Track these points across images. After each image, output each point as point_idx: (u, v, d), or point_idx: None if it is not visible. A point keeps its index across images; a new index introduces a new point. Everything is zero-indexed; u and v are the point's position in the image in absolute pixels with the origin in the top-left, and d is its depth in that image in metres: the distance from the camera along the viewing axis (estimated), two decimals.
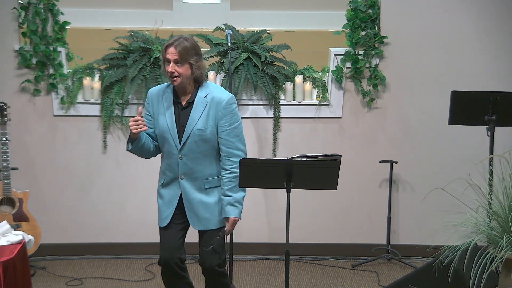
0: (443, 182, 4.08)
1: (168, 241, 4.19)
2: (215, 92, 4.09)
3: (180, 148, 4.07)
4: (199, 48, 4.06)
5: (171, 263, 4.17)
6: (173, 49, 3.97)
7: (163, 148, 4.15)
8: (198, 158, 4.08)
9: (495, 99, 5.07)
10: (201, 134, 4.04)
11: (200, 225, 4.14)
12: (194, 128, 4.04)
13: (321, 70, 5.93)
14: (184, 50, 3.96)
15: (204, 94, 4.07)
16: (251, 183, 4.13)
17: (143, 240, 5.91)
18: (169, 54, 3.98)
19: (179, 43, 3.98)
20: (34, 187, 5.73)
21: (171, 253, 4.17)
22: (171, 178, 4.14)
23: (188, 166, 4.08)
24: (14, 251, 3.87)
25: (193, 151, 4.06)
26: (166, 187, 4.17)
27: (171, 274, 4.20)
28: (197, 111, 4.05)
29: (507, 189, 3.87)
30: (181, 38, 4.02)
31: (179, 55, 3.96)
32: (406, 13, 5.83)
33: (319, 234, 5.99)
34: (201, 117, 4.05)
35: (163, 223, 4.19)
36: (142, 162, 5.84)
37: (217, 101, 4.05)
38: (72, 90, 5.76)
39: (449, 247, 3.87)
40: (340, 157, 4.05)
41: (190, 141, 4.05)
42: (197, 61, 4.02)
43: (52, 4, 5.68)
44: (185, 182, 4.10)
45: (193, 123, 4.04)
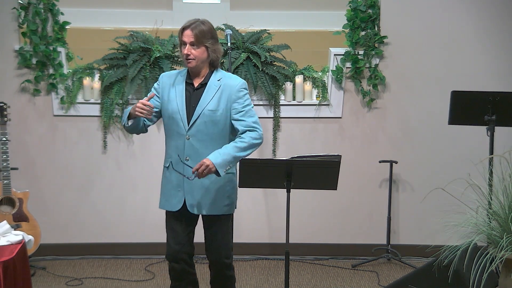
0: (443, 182, 4.07)
1: (176, 235, 4.16)
2: (229, 78, 4.13)
3: (188, 128, 4.05)
4: (215, 32, 4.09)
5: (179, 258, 4.16)
6: (189, 32, 4.01)
7: (171, 129, 4.12)
8: (205, 141, 4.05)
9: (495, 99, 5.07)
10: (212, 115, 4.03)
11: (196, 209, 4.11)
12: (205, 109, 4.04)
13: (321, 70, 5.93)
14: (200, 33, 4.00)
15: (218, 78, 4.09)
16: (251, 183, 4.13)
17: (143, 240, 5.91)
18: (185, 37, 4.02)
19: (196, 26, 4.01)
20: (34, 187, 5.74)
21: (179, 247, 4.15)
22: (176, 160, 4.10)
23: (194, 148, 4.05)
24: (14, 251, 3.87)
25: (201, 132, 4.04)
26: (172, 170, 4.13)
27: (179, 269, 4.18)
28: (210, 92, 4.06)
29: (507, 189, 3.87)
30: (198, 21, 4.05)
31: (195, 38, 3.99)
32: (406, 13, 5.83)
33: (319, 234, 5.99)
34: (213, 99, 4.05)
35: (175, 207, 4.14)
36: (142, 162, 5.87)
37: (230, 85, 4.07)
38: (72, 90, 5.77)
39: (449, 247, 3.86)
40: (340, 157, 4.05)
41: (199, 121, 4.04)
42: (213, 45, 4.04)
43: (52, 4, 5.68)
44: (190, 164, 4.05)
45: (205, 103, 4.04)
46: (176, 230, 4.16)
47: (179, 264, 4.17)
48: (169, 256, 4.20)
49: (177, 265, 4.18)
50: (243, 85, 4.11)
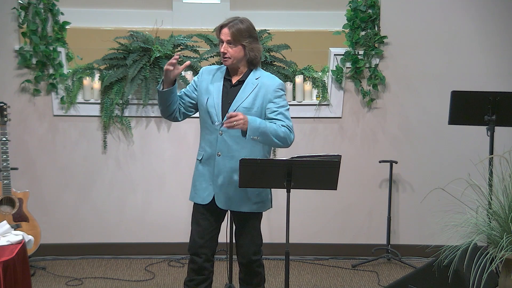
0: (443, 182, 4.08)
1: (201, 229, 4.18)
2: (267, 77, 4.14)
3: (221, 124, 4.06)
4: (254, 31, 4.10)
5: (201, 252, 4.18)
6: (227, 30, 4.04)
7: (206, 123, 4.14)
8: (238, 137, 4.05)
9: (495, 99, 5.07)
10: (246, 113, 4.02)
11: (224, 205, 4.14)
12: (240, 106, 4.06)
13: (321, 70, 5.93)
14: (237, 31, 4.02)
15: (256, 77, 4.12)
16: (251, 183, 4.13)
17: (143, 240, 5.91)
18: (223, 35, 4.05)
19: (233, 24, 4.04)
20: (34, 187, 5.73)
21: (203, 241, 4.17)
22: (209, 154, 4.13)
23: (227, 144, 4.08)
24: (14, 251, 3.87)
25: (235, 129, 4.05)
26: (205, 164, 4.15)
27: (199, 263, 4.20)
28: (246, 90, 4.09)
29: (507, 189, 3.87)
30: (236, 19, 4.08)
31: (232, 36, 4.02)
32: (406, 13, 5.83)
33: (319, 234, 5.99)
34: (249, 96, 4.08)
35: (205, 200, 4.16)
36: (142, 162, 5.87)
37: (267, 84, 4.09)
38: (72, 90, 5.76)
39: (449, 247, 3.87)
40: (340, 157, 4.05)
41: None
42: (251, 43, 4.06)
43: (52, 4, 5.68)
44: (221, 160, 4.09)
45: (240, 100, 4.07)
46: (201, 224, 4.19)
47: (200, 258, 4.20)
48: (191, 249, 4.22)
49: (198, 259, 4.20)
50: (280, 85, 4.13)
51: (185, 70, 5.80)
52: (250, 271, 4.28)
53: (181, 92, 4.25)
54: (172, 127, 5.87)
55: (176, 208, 5.87)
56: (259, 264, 4.29)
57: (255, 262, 4.26)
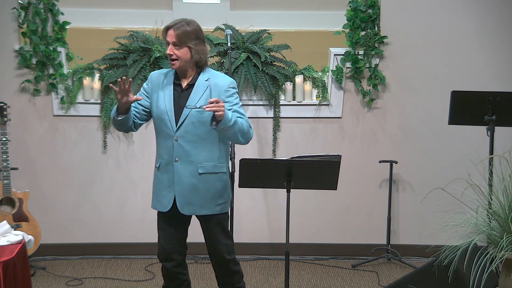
0: (443, 182, 4.08)
1: (168, 235, 4.17)
2: (217, 77, 4.10)
3: (176, 129, 4.04)
4: (201, 33, 4.07)
5: (170, 258, 4.17)
6: (172, 32, 4.01)
7: (160, 129, 4.12)
8: (194, 141, 4.04)
9: (495, 99, 5.07)
10: (199, 116, 4.01)
11: (187, 210, 4.10)
12: (193, 110, 4.02)
13: (321, 70, 5.93)
14: (183, 33, 3.99)
15: (205, 78, 4.08)
16: (251, 183, 4.14)
17: (143, 240, 5.91)
18: (169, 37, 4.02)
19: (180, 26, 4.00)
20: (34, 187, 5.73)
21: (170, 247, 4.16)
22: (166, 161, 4.10)
23: (184, 149, 4.04)
24: (14, 251, 3.87)
25: (190, 133, 4.03)
26: (163, 170, 4.13)
27: (170, 269, 4.20)
28: (198, 93, 4.05)
29: (507, 189, 3.87)
30: (183, 21, 4.04)
31: (177, 38, 3.99)
32: (406, 13, 5.83)
33: (319, 234, 5.99)
34: (201, 99, 4.03)
35: (165, 208, 4.13)
36: (142, 162, 5.87)
37: (218, 85, 4.06)
38: (72, 90, 5.76)
39: (449, 247, 3.86)
40: (340, 157, 4.05)
41: (187, 122, 4.03)
42: (197, 45, 4.02)
43: (52, 4, 5.68)
44: (179, 166, 4.06)
45: (192, 104, 4.02)
46: (167, 230, 4.17)
47: (170, 264, 4.19)
48: (160, 256, 4.21)
49: (169, 265, 4.19)
50: (231, 84, 4.09)
51: None
52: (227, 271, 4.25)
53: None
54: None
55: None
56: (235, 262, 4.26)
57: (231, 262, 4.23)
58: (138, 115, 4.17)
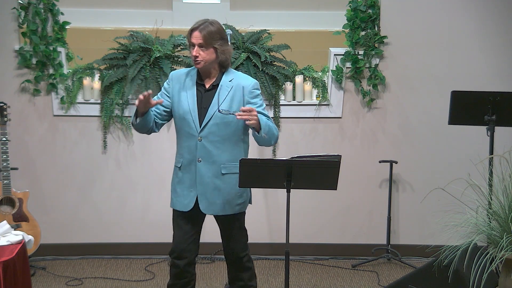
0: (443, 182, 4.08)
1: (183, 233, 4.17)
2: (241, 78, 4.11)
3: (200, 130, 4.05)
4: (224, 33, 4.08)
5: (183, 256, 4.17)
6: (198, 33, 4.00)
7: (182, 129, 4.11)
8: (218, 142, 4.06)
9: (495, 99, 5.07)
10: (224, 117, 4.02)
11: (209, 210, 4.13)
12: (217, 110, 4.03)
13: (321, 70, 5.93)
14: (208, 34, 3.98)
15: (229, 79, 4.08)
16: (251, 183, 4.13)
17: (143, 240, 5.91)
18: (194, 38, 4.01)
19: (204, 27, 4.00)
20: (34, 187, 5.73)
21: (185, 246, 4.16)
22: (188, 160, 4.10)
23: (207, 149, 4.05)
24: (14, 251, 3.87)
25: (214, 133, 4.05)
26: (185, 170, 4.12)
27: (181, 267, 4.19)
28: (222, 94, 4.05)
29: (507, 189, 3.87)
30: (206, 22, 4.03)
31: (203, 39, 3.98)
32: (406, 13, 5.83)
33: (319, 234, 5.99)
34: (226, 100, 4.05)
35: (186, 207, 4.13)
36: (142, 162, 5.87)
37: (243, 85, 4.07)
38: (72, 90, 5.76)
39: (449, 247, 3.87)
40: (340, 157, 4.05)
41: (211, 123, 4.04)
42: (222, 46, 4.03)
43: (52, 4, 5.68)
44: (202, 166, 4.07)
45: (217, 105, 4.03)
46: (183, 229, 4.17)
47: (182, 262, 4.19)
48: (173, 253, 4.21)
49: (181, 263, 4.19)
50: (255, 85, 4.11)
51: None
52: (240, 267, 4.28)
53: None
54: (172, 127, 5.83)
55: None
56: (248, 259, 4.29)
57: (244, 257, 4.26)
58: (159, 116, 4.17)
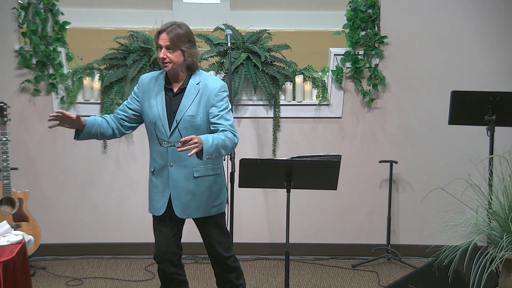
0: (443, 182, 4.08)
1: (163, 236, 4.19)
2: (208, 80, 4.07)
3: (170, 134, 4.04)
4: (192, 35, 4.05)
5: (166, 258, 4.19)
6: (165, 35, 3.98)
7: (153, 134, 4.10)
8: None
9: (495, 99, 5.08)
10: (192, 121, 4.01)
11: (184, 214, 4.12)
12: (185, 114, 4.01)
13: (321, 70, 5.93)
14: (176, 36, 3.97)
15: (196, 81, 4.06)
16: (251, 183, 4.14)
17: (143, 240, 5.91)
18: (161, 40, 3.99)
19: (172, 29, 3.98)
20: (34, 187, 5.73)
21: (166, 248, 4.17)
22: (161, 165, 4.11)
23: (178, 154, 4.00)
24: (14, 251, 3.87)
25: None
26: (158, 175, 4.13)
27: (166, 270, 4.22)
28: (189, 97, 4.04)
29: (507, 189, 3.87)
30: (174, 24, 4.02)
31: (170, 42, 3.97)
32: (406, 13, 5.83)
33: (319, 234, 5.99)
34: (193, 104, 4.03)
35: (159, 211, 4.15)
36: (142, 162, 5.86)
37: (209, 88, 4.03)
38: (72, 90, 5.76)
39: (449, 247, 3.87)
40: (340, 157, 4.05)
41: (180, 127, 4.02)
42: (190, 48, 4.01)
43: (52, 4, 5.68)
44: (174, 170, 4.07)
45: (184, 109, 4.02)
46: (162, 232, 4.19)
47: (165, 265, 4.21)
48: (156, 258, 4.24)
49: (164, 266, 4.22)
50: (222, 88, 4.06)
51: None
52: (225, 268, 4.26)
53: (123, 105, 4.19)
54: None
55: None
56: (233, 259, 4.28)
57: (229, 259, 4.25)
58: (127, 119, 4.17)
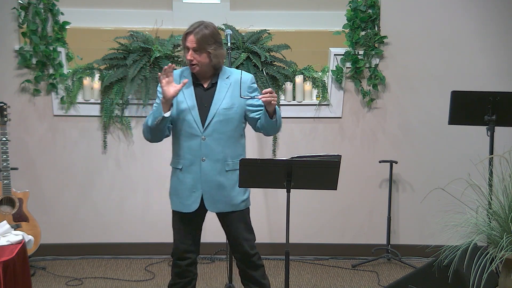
0: (443, 182, 4.08)
1: (185, 234, 4.18)
2: (236, 73, 4.14)
3: (204, 128, 4.06)
4: (219, 35, 4.09)
5: (186, 257, 4.19)
6: (192, 37, 4.01)
7: (182, 130, 4.10)
8: (221, 139, 4.07)
9: (495, 99, 5.07)
10: (226, 114, 4.06)
11: (215, 208, 4.13)
12: (220, 108, 4.06)
13: (321, 70, 5.93)
14: (202, 38, 4.00)
15: (226, 76, 4.12)
16: (251, 183, 4.13)
17: (143, 240, 5.91)
18: (188, 42, 4.02)
19: (199, 30, 4.01)
20: (34, 187, 5.73)
21: (187, 246, 4.17)
22: (190, 161, 4.10)
23: (211, 148, 4.06)
24: (14, 251, 3.87)
25: (217, 131, 4.06)
26: (186, 171, 4.11)
27: (183, 267, 4.21)
28: (221, 91, 4.08)
29: (507, 189, 3.87)
30: (201, 25, 4.04)
31: (197, 44, 4.00)
32: (406, 13, 5.83)
33: (319, 234, 5.99)
34: (226, 97, 4.08)
35: (190, 208, 4.13)
36: (142, 162, 5.87)
37: (241, 81, 4.07)
38: (72, 90, 5.76)
39: (449, 247, 3.87)
40: (340, 157, 4.05)
41: (215, 121, 4.06)
42: (216, 50, 4.05)
43: (52, 4, 5.68)
44: (207, 165, 4.08)
45: (219, 102, 4.06)
46: (184, 230, 4.18)
47: (184, 262, 4.20)
48: (175, 254, 4.22)
49: (183, 263, 4.20)
50: (252, 79, 4.16)
51: None
52: (251, 265, 4.27)
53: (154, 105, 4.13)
54: None
55: None
56: (258, 256, 4.29)
57: (254, 256, 4.26)
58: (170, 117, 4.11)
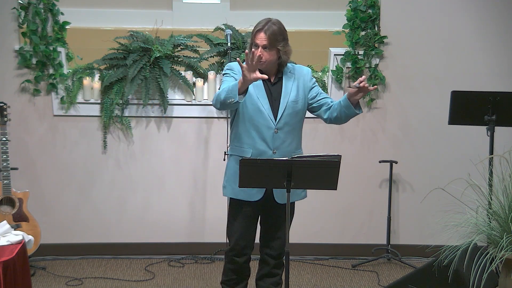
0: (443, 182, 4.08)
1: (245, 230, 4.23)
2: (298, 68, 4.26)
3: (276, 122, 4.14)
4: (285, 32, 4.15)
5: (244, 252, 4.25)
6: (263, 35, 4.06)
7: (255, 120, 4.15)
8: (290, 131, 4.19)
9: (495, 99, 5.08)
10: (294, 106, 4.17)
11: (283, 199, 4.14)
12: (289, 101, 4.16)
13: (321, 70, 5.93)
14: (273, 35, 4.05)
15: (289, 70, 4.20)
16: (251, 183, 4.13)
17: (143, 240, 5.91)
18: (258, 39, 4.06)
19: (268, 27, 4.06)
20: (34, 187, 5.73)
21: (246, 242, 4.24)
22: (261, 151, 4.17)
23: (282, 140, 4.17)
24: (14, 251, 3.87)
25: (288, 124, 4.17)
26: None
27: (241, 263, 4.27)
28: (288, 85, 4.18)
29: (507, 189, 3.87)
30: (269, 22, 4.09)
31: (268, 41, 4.05)
32: (406, 13, 5.83)
33: (319, 234, 5.99)
34: (292, 90, 4.17)
35: (254, 197, 4.19)
36: (142, 162, 5.87)
37: (303, 74, 4.21)
38: (72, 90, 5.76)
39: (449, 247, 3.87)
40: (340, 157, 4.05)
41: (285, 113, 4.16)
42: (284, 47, 4.11)
43: (52, 4, 5.68)
44: (277, 156, 4.14)
45: (287, 95, 4.16)
46: (244, 223, 4.23)
47: (242, 259, 4.27)
48: (233, 251, 4.28)
49: (241, 260, 4.28)
50: (311, 72, 4.30)
51: (186, 69, 5.80)
52: (278, 263, 4.35)
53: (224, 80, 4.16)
54: (172, 127, 5.87)
55: (176, 208, 5.88)
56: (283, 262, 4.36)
57: (282, 254, 4.31)
58: None
